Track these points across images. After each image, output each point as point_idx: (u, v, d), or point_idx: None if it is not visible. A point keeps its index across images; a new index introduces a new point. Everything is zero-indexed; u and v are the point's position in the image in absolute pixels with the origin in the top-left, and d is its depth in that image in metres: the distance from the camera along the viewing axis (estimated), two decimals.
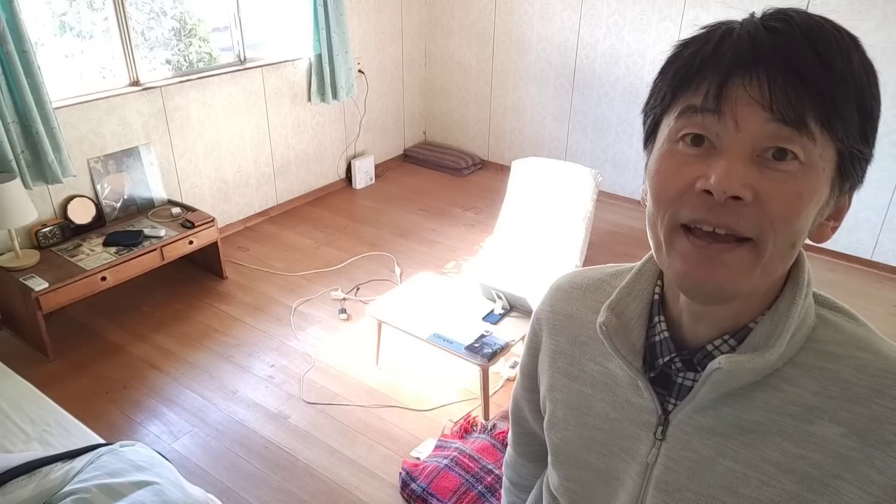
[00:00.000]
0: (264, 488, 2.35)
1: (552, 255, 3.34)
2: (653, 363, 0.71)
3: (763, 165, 0.56)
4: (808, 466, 0.62)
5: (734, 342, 0.65)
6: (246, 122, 4.05)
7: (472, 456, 2.39)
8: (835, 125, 0.54)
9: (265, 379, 2.90)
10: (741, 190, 0.55)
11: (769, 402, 0.64)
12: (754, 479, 0.64)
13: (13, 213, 2.78)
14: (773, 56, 0.54)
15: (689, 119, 0.58)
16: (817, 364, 0.63)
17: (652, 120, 0.64)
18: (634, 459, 0.72)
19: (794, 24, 0.55)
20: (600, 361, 0.76)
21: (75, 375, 2.89)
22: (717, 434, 0.66)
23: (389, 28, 4.84)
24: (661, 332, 0.70)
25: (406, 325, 2.71)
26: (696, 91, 0.57)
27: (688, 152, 0.59)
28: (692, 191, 0.58)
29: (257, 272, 3.73)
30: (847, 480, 0.60)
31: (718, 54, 0.56)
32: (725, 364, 0.62)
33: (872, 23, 3.40)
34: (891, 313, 3.44)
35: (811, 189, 0.56)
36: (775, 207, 0.56)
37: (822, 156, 0.55)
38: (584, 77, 4.47)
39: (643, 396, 0.71)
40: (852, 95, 0.54)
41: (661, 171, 0.60)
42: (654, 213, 0.62)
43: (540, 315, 0.85)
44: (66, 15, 3.35)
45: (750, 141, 0.55)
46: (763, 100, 0.54)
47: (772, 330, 0.63)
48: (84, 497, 1.69)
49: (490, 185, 4.87)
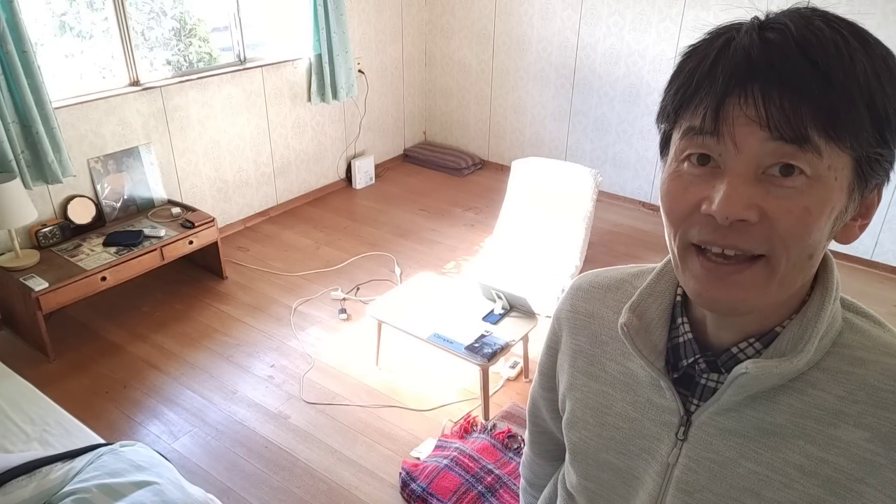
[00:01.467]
0: (264, 488, 2.35)
1: (552, 255, 3.34)
2: (676, 364, 0.71)
3: (769, 183, 0.55)
4: (831, 470, 0.61)
5: (759, 346, 0.65)
6: (246, 122, 4.05)
7: (472, 456, 2.39)
8: (842, 136, 0.53)
9: (265, 379, 2.90)
10: (745, 213, 0.54)
11: (793, 405, 0.63)
12: (776, 481, 0.63)
13: (13, 213, 2.78)
14: (767, 71, 0.53)
15: (692, 140, 0.58)
16: (843, 368, 0.63)
17: (664, 132, 0.64)
18: (655, 459, 0.72)
19: (789, 34, 0.53)
20: (621, 361, 0.76)
21: (75, 375, 2.89)
22: (739, 436, 0.66)
23: (389, 28, 4.84)
24: (685, 333, 0.70)
25: (406, 325, 2.71)
26: (695, 112, 0.57)
27: (693, 172, 0.59)
28: (699, 212, 0.58)
29: (257, 272, 3.73)
30: (870, 485, 0.60)
31: (714, 73, 0.55)
32: (753, 369, 0.61)
33: (872, 23, 3.40)
34: (891, 313, 3.43)
35: (821, 202, 0.55)
36: (783, 225, 0.55)
37: (831, 167, 0.54)
38: (584, 77, 4.47)
39: (665, 397, 0.70)
40: (859, 102, 0.52)
41: (669, 192, 0.61)
42: (667, 230, 0.63)
43: (560, 314, 0.85)
44: (66, 15, 3.35)
45: (752, 161, 0.55)
46: (760, 119, 0.53)
47: (800, 335, 0.62)
48: (84, 497, 1.69)
49: (490, 185, 4.87)
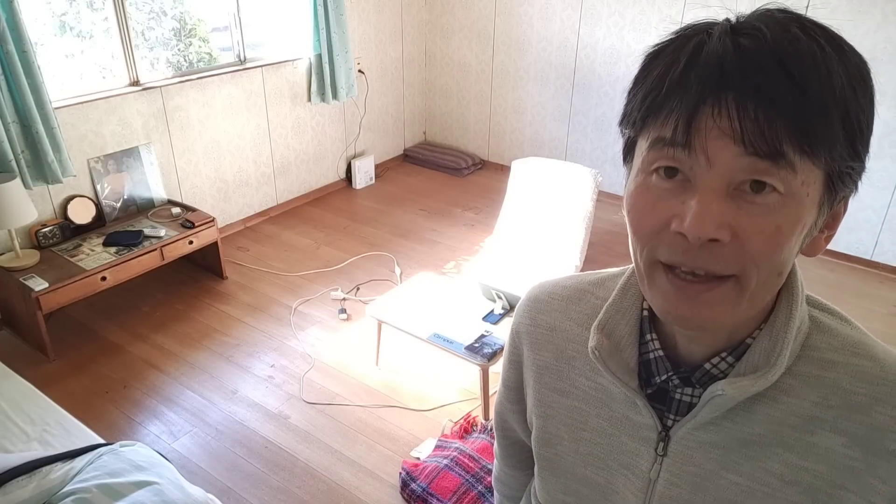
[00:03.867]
0: (264, 488, 2.35)
1: (552, 255, 3.34)
2: (648, 379, 0.69)
3: (740, 199, 0.52)
4: (812, 478, 0.61)
5: (732, 359, 0.64)
6: (246, 122, 4.05)
7: (472, 456, 2.39)
8: (816, 151, 0.51)
9: (265, 379, 2.90)
10: (717, 232, 0.52)
11: (770, 414, 0.63)
12: (758, 491, 0.63)
13: (13, 213, 2.78)
14: (742, 83, 0.50)
15: (661, 151, 0.54)
16: (815, 373, 0.62)
17: (628, 138, 0.61)
18: (635, 475, 0.70)
19: (764, 42, 0.50)
20: (591, 377, 0.73)
21: (75, 375, 2.89)
22: (719, 448, 0.65)
23: (389, 28, 4.84)
24: (655, 350, 0.68)
25: (406, 325, 2.71)
26: (664, 122, 0.54)
27: (662, 186, 0.55)
28: (668, 230, 0.55)
29: (257, 272, 3.73)
30: (851, 490, 0.60)
31: (685, 81, 0.52)
32: (729, 390, 0.60)
33: (872, 23, 3.40)
34: (891, 313, 3.44)
35: (793, 220, 0.53)
36: (754, 244, 0.53)
37: (804, 182, 0.52)
38: (584, 77, 4.47)
39: (641, 414, 0.69)
40: (834, 116, 0.50)
41: (636, 206, 0.58)
42: (633, 244, 0.60)
43: (519, 328, 0.81)
44: (66, 15, 3.35)
45: (724, 176, 0.52)
46: (734, 132, 0.50)
47: (771, 347, 0.61)
48: (84, 497, 1.69)
49: (490, 185, 4.87)
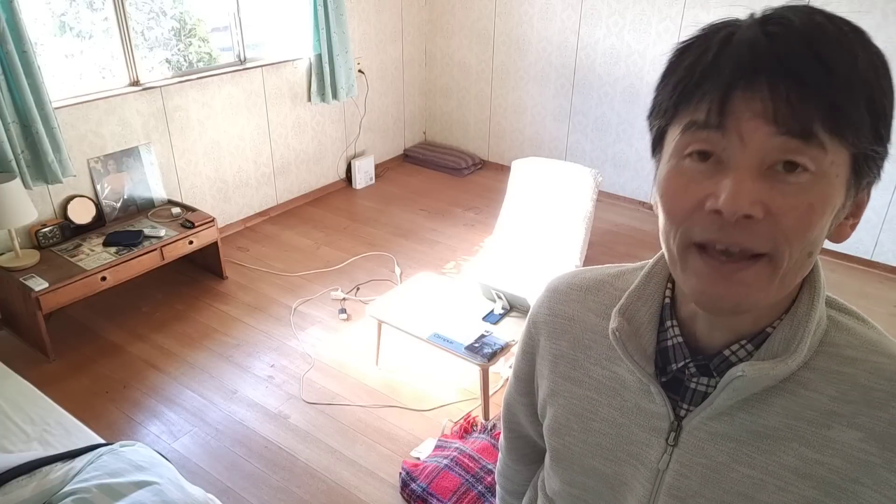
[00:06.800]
0: (264, 488, 2.35)
1: (552, 255, 3.34)
2: (664, 367, 0.69)
3: (773, 179, 0.54)
4: (827, 472, 0.61)
5: (751, 347, 0.64)
6: (246, 122, 4.05)
7: (472, 456, 2.39)
8: (844, 131, 0.53)
9: (265, 379, 2.90)
10: (751, 208, 0.53)
11: (786, 407, 0.63)
12: (771, 485, 0.63)
13: (13, 213, 2.78)
14: (774, 65, 0.52)
15: (694, 135, 0.56)
16: (833, 368, 0.63)
17: (657, 129, 0.62)
18: (644, 465, 0.70)
19: (792, 28, 0.53)
20: (606, 366, 0.74)
21: (75, 375, 2.89)
22: (732, 440, 0.65)
23: (389, 28, 4.84)
24: (674, 336, 0.69)
25: (406, 325, 2.71)
26: (697, 106, 0.56)
27: (696, 168, 0.57)
28: (702, 210, 0.56)
29: (257, 272, 3.73)
30: (866, 485, 0.60)
31: (718, 66, 0.54)
32: (749, 372, 0.61)
33: (872, 23, 3.40)
34: (891, 313, 3.44)
35: (824, 199, 0.55)
36: (788, 221, 0.54)
37: (833, 163, 0.54)
38: (584, 77, 4.47)
39: (655, 402, 0.69)
40: (860, 97, 0.52)
41: (670, 189, 0.59)
42: (666, 229, 0.61)
43: (537, 318, 0.82)
44: (66, 15, 3.35)
45: (757, 155, 0.54)
46: (766, 113, 0.52)
47: (791, 335, 0.62)
48: (84, 497, 1.69)
49: (490, 185, 4.87)
